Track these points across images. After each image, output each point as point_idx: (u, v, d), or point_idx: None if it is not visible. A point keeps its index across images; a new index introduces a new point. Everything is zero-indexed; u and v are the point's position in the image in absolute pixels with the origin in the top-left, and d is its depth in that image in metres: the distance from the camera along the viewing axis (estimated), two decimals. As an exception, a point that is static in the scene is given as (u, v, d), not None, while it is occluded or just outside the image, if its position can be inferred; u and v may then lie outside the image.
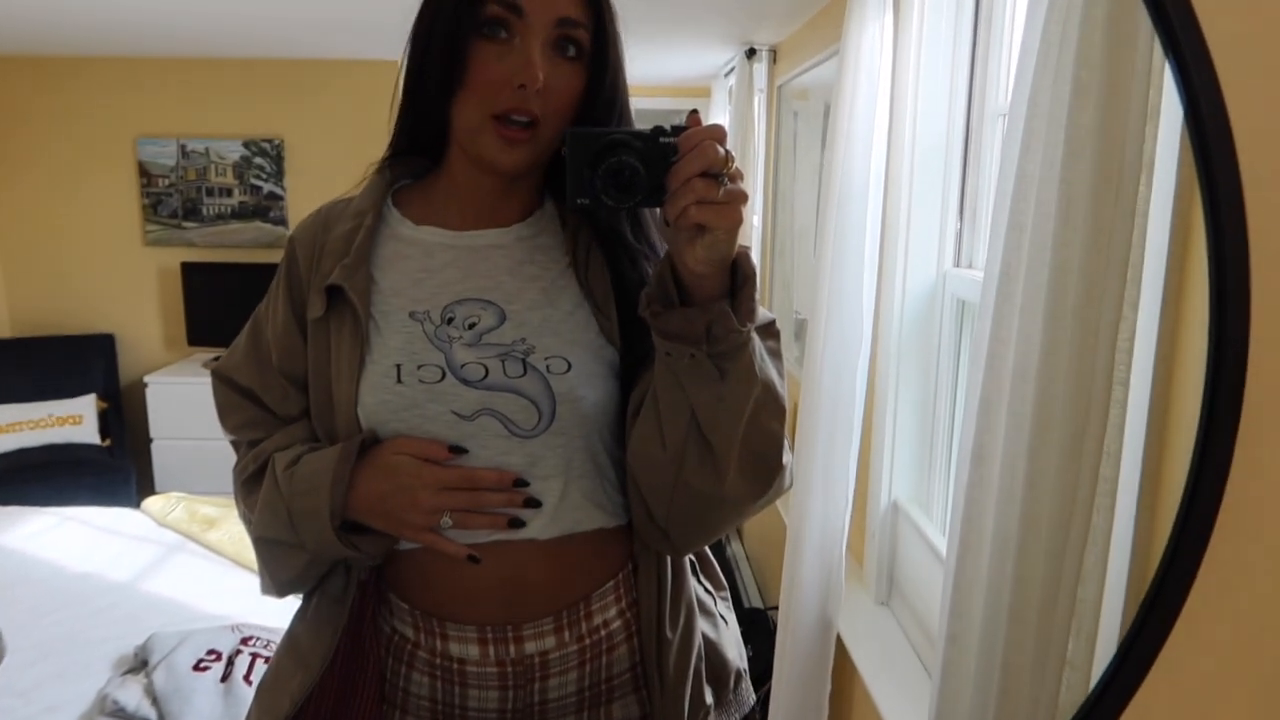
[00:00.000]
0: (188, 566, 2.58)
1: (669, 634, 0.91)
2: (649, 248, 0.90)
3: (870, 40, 1.79)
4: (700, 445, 0.80)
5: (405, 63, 0.88)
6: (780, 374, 0.82)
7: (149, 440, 4.04)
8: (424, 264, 0.89)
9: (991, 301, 1.04)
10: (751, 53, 3.47)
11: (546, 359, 0.86)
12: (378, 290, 0.88)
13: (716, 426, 0.78)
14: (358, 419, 0.86)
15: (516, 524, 0.85)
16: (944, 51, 1.79)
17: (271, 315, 0.94)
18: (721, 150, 0.71)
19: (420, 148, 0.93)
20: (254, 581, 2.53)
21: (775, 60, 3.42)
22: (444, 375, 0.85)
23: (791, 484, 0.87)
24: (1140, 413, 0.89)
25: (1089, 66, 0.88)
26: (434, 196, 0.93)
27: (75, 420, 3.96)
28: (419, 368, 0.85)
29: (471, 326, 0.86)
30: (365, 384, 0.86)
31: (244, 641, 1.99)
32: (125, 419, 4.18)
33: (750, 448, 0.80)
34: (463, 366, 0.85)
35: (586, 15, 0.83)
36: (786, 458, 0.84)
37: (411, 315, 0.87)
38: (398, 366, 0.85)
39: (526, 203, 0.92)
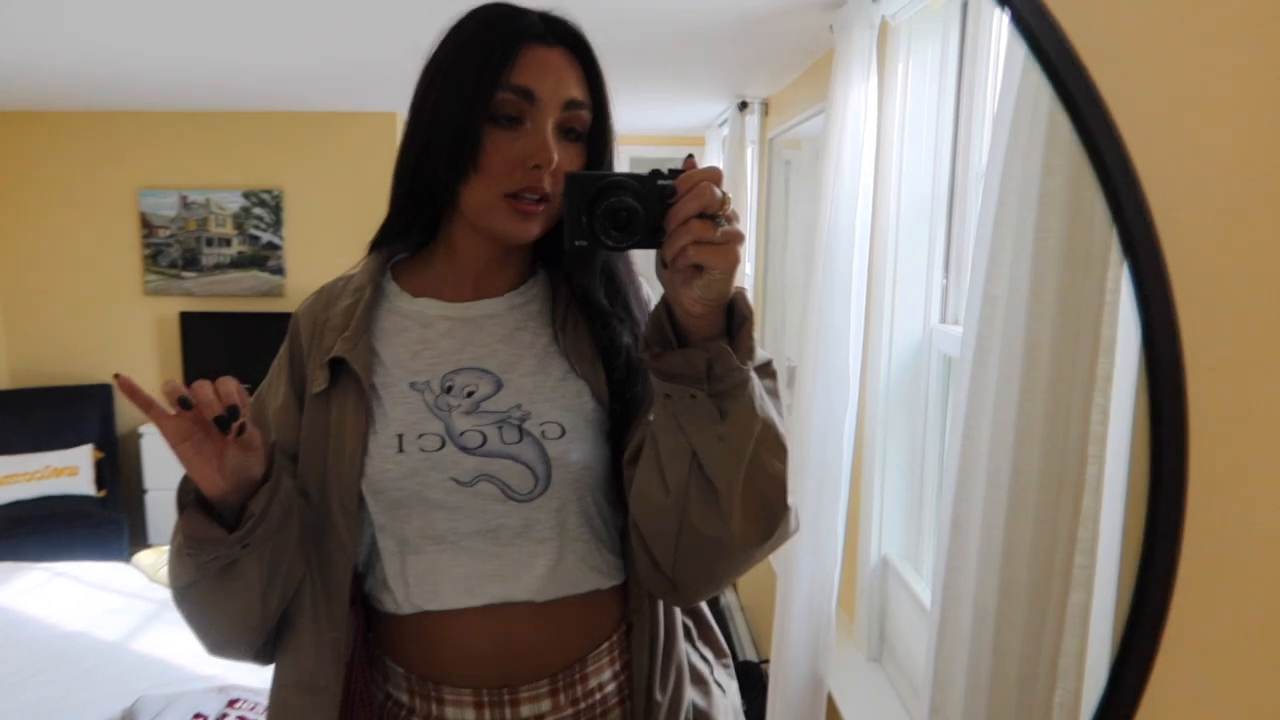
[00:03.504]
0: (177, 624, 2.52)
1: (659, 697, 0.92)
2: (623, 310, 0.92)
3: (855, 100, 1.82)
4: (703, 488, 0.79)
5: (404, 146, 0.90)
6: (780, 413, 0.82)
7: (143, 491, 4.03)
8: (422, 335, 0.92)
9: (967, 373, 1.05)
10: (744, 105, 3.53)
11: (541, 425, 0.88)
12: (379, 362, 0.90)
13: (719, 467, 0.78)
14: (359, 488, 0.87)
15: (223, 423, 0.78)
16: (928, 111, 1.83)
17: (273, 393, 0.95)
18: (718, 192, 0.72)
19: (419, 225, 0.95)
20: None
21: (767, 113, 3.47)
22: (444, 444, 0.87)
23: (798, 528, 0.86)
24: (1118, 483, 0.89)
25: (1058, 150, 0.90)
26: (431, 268, 0.95)
27: (71, 471, 3.96)
28: (420, 436, 0.87)
29: (470, 395, 0.88)
30: (369, 454, 0.87)
31: (231, 704, 1.97)
32: (120, 470, 4.18)
33: (754, 488, 0.79)
34: (462, 434, 0.87)
35: (588, 96, 0.87)
36: (791, 499, 0.83)
37: (412, 385, 0.89)
38: (399, 436, 0.87)
39: (520, 271, 0.95)
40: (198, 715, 1.91)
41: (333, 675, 0.88)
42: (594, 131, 0.88)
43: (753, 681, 2.82)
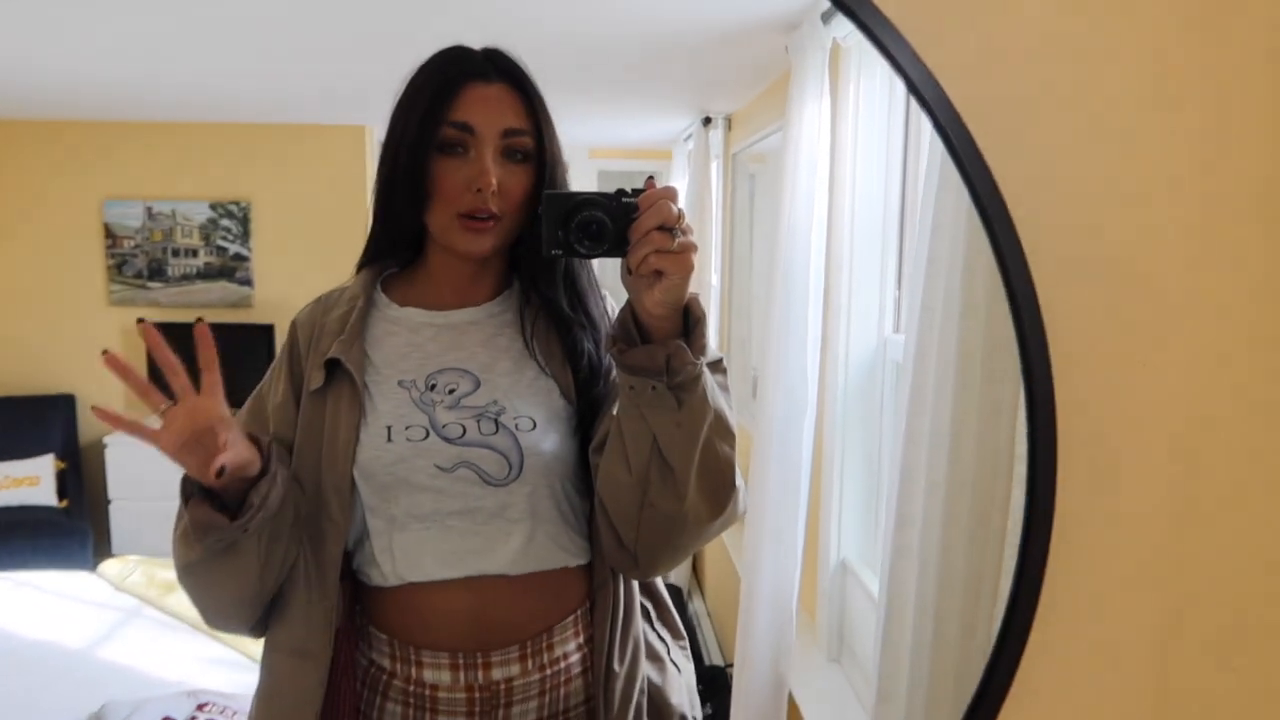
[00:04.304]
0: (145, 631, 2.56)
1: (616, 667, 1.02)
2: (584, 316, 1.03)
3: (810, 119, 1.89)
4: (662, 469, 0.89)
5: (377, 180, 1.01)
6: (729, 405, 0.92)
7: (107, 501, 4.00)
8: (410, 340, 1.02)
9: (909, 379, 1.12)
10: (708, 121, 3.60)
11: (515, 418, 0.98)
12: (370, 364, 1.01)
13: (675, 450, 0.88)
14: (352, 473, 0.97)
15: None
16: (879, 129, 1.90)
17: (273, 390, 1.04)
18: (675, 208, 0.82)
19: (398, 247, 1.06)
20: (212, 646, 2.49)
21: (730, 128, 3.55)
22: (428, 434, 0.97)
23: (745, 510, 0.96)
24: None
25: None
26: (416, 282, 1.06)
27: (32, 481, 3.92)
28: (406, 428, 0.97)
29: (451, 392, 0.99)
30: (360, 443, 0.97)
31: (200, 708, 1.98)
32: (83, 480, 4.14)
33: (706, 469, 0.89)
34: (444, 426, 0.98)
35: (528, 123, 0.97)
36: (739, 481, 0.93)
37: (400, 384, 1.00)
38: (388, 428, 0.98)
39: (496, 284, 1.06)
40: (166, 718, 1.92)
41: (323, 642, 0.97)
42: (539, 152, 0.98)
43: (719, 686, 2.87)
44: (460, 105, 0.95)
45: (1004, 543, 0.98)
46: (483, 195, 0.94)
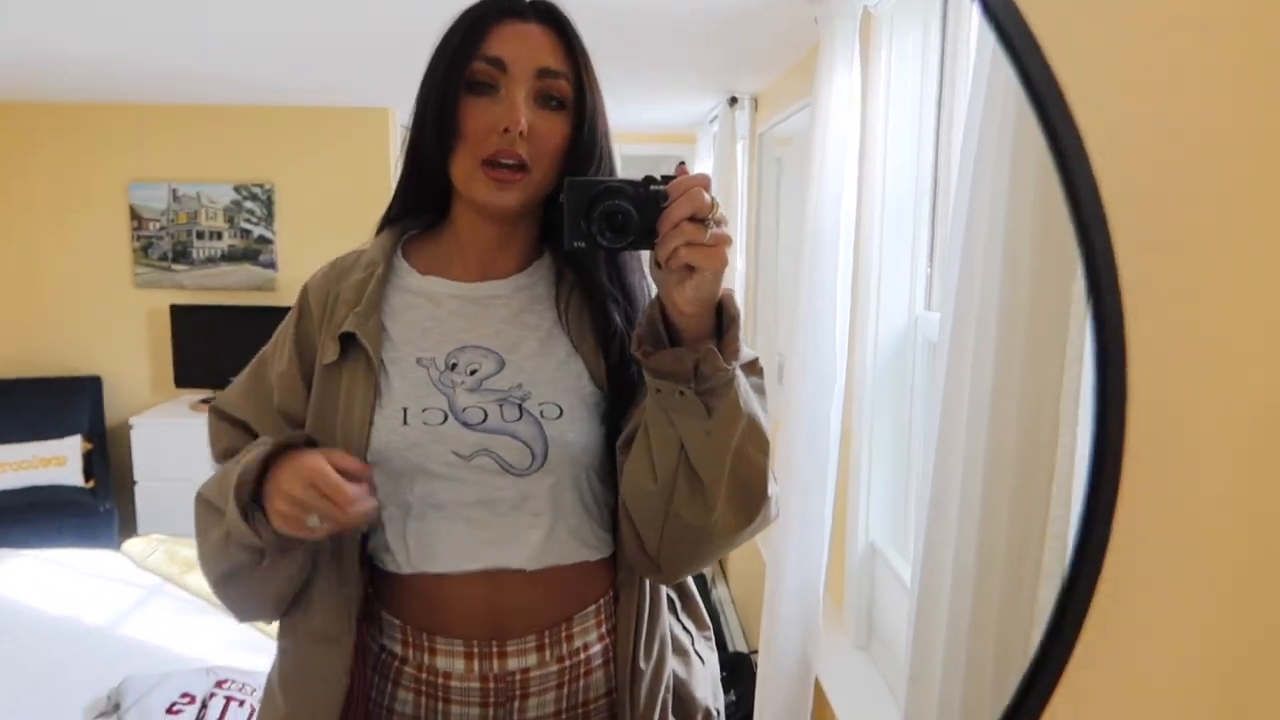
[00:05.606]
0: (165, 609, 2.58)
1: (643, 665, 0.96)
2: (621, 291, 0.95)
3: (839, 91, 1.84)
4: (689, 478, 0.83)
5: (410, 129, 0.94)
6: (764, 409, 0.85)
7: (133, 482, 4.03)
8: (431, 313, 0.95)
9: (946, 349, 1.07)
10: (733, 101, 3.55)
11: (541, 405, 0.92)
12: (388, 338, 0.94)
13: (704, 460, 0.82)
14: (365, 457, 0.91)
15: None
16: (911, 100, 1.85)
17: (277, 357, 0.99)
18: (708, 196, 0.76)
19: (423, 203, 0.99)
20: (231, 625, 2.49)
21: (756, 108, 3.49)
22: (446, 418, 0.91)
23: (778, 514, 0.90)
24: (1088, 453, 0.91)
25: (1028, 136, 0.92)
26: (440, 247, 0.98)
27: (59, 462, 3.95)
28: (424, 410, 0.91)
29: (473, 373, 0.92)
30: (375, 425, 0.91)
31: (218, 684, 1.99)
32: (109, 460, 4.18)
33: (737, 480, 0.83)
34: (464, 410, 0.91)
35: (566, 65, 0.89)
36: (772, 489, 0.87)
37: (418, 361, 0.93)
38: (404, 409, 0.91)
39: (525, 253, 0.98)
40: (185, 694, 1.93)
41: (345, 628, 0.93)
42: (578, 101, 0.90)
43: (744, 673, 2.84)
44: (493, 40, 0.88)
45: (1047, 522, 0.93)
46: (509, 136, 0.86)
